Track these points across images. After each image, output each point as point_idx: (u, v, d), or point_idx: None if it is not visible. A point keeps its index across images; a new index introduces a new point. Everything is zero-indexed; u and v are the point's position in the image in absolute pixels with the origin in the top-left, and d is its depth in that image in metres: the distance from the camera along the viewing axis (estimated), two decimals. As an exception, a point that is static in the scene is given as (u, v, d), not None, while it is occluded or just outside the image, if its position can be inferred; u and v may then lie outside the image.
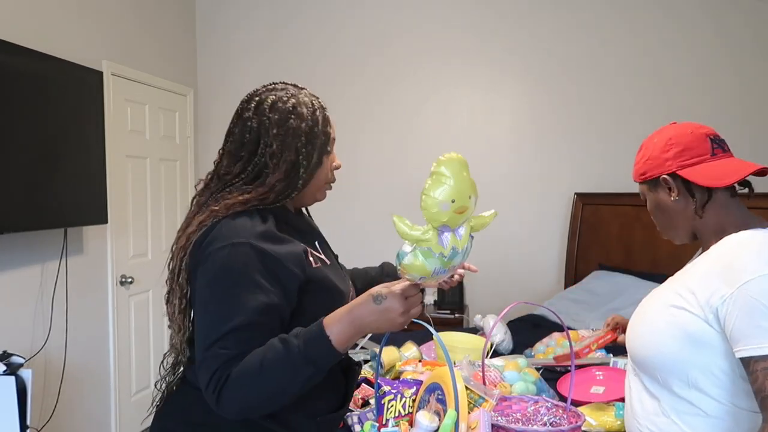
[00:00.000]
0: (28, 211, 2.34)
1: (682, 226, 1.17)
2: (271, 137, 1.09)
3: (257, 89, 1.17)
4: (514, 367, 1.76)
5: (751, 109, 3.21)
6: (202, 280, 1.02)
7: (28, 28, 2.48)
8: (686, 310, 1.06)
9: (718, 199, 1.12)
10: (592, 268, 3.31)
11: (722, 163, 1.10)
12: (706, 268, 1.07)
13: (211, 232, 1.04)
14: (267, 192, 1.08)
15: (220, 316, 0.98)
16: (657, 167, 1.15)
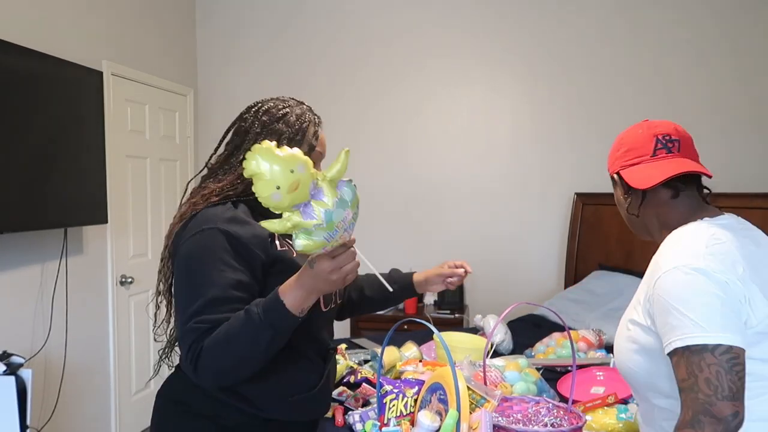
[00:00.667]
0: (28, 211, 2.34)
1: (635, 223, 1.20)
2: (253, 134, 1.20)
3: (262, 99, 1.29)
4: (515, 367, 1.76)
5: (753, 108, 3.21)
6: (176, 266, 1.14)
7: (28, 28, 2.47)
8: (637, 324, 1.07)
9: (654, 199, 1.12)
10: (592, 268, 3.31)
11: (657, 165, 1.09)
12: (648, 276, 1.08)
13: (189, 223, 1.15)
14: (236, 180, 1.18)
15: (192, 294, 1.08)
16: (611, 165, 1.19)
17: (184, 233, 1.15)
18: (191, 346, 1.05)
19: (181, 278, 1.12)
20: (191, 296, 1.07)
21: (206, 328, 1.04)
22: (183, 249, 1.12)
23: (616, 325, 2.81)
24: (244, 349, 1.03)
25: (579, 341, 2.22)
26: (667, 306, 0.96)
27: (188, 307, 1.07)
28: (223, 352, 1.03)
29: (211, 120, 3.92)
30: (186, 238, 1.13)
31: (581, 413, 1.26)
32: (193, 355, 1.04)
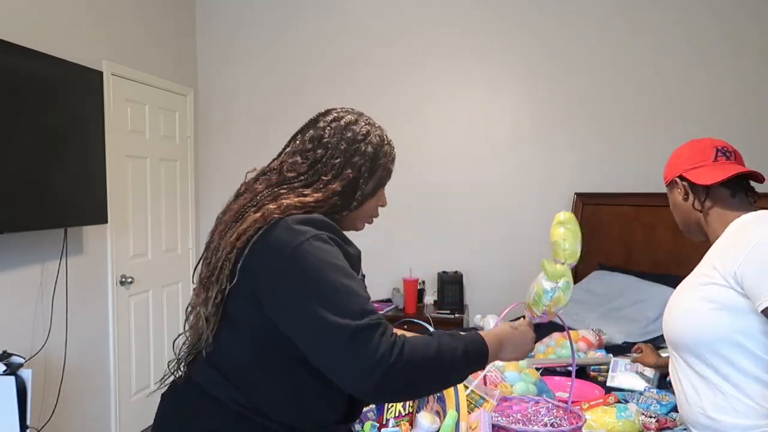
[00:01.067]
0: (28, 211, 2.34)
1: (691, 222, 1.38)
2: (338, 150, 1.13)
3: (335, 107, 1.22)
4: (514, 367, 1.76)
5: (754, 108, 3.21)
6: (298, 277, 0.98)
7: (28, 28, 2.48)
8: (713, 284, 1.21)
9: (717, 198, 1.32)
10: (592, 268, 3.30)
11: (719, 165, 1.31)
12: (722, 246, 1.25)
13: (275, 231, 1.02)
14: (323, 199, 1.09)
15: (349, 292, 0.96)
16: (671, 172, 1.40)
17: (279, 244, 1.00)
18: (384, 336, 0.93)
19: (319, 283, 0.97)
20: (347, 294, 0.96)
21: (387, 324, 0.96)
22: (302, 259, 0.98)
23: (616, 325, 2.82)
24: (442, 372, 1.00)
25: (579, 341, 2.22)
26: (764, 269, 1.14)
27: (347, 308, 0.94)
28: (426, 363, 0.96)
29: (211, 120, 3.92)
30: (295, 247, 0.99)
31: (581, 413, 1.26)
32: (393, 348, 0.92)
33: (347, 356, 0.92)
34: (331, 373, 0.96)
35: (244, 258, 1.02)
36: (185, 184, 3.72)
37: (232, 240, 1.05)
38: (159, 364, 3.43)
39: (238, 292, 1.05)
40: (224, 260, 1.05)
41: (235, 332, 1.07)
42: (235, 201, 1.14)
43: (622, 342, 2.46)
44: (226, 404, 1.06)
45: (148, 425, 3.31)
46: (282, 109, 3.75)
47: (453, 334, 1.04)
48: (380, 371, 0.91)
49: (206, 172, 3.91)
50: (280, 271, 0.99)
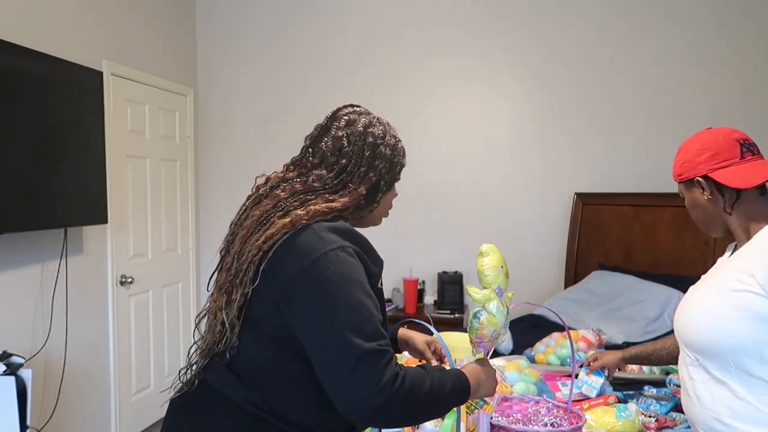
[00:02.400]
0: (28, 211, 2.34)
1: (714, 221, 1.29)
2: (363, 158, 1.15)
3: (341, 109, 1.23)
4: (515, 367, 1.76)
5: (754, 108, 3.21)
6: (319, 286, 0.99)
7: (28, 28, 2.48)
8: (749, 291, 1.14)
9: (746, 198, 1.23)
10: (592, 268, 3.31)
11: (750, 165, 1.22)
12: (760, 253, 1.16)
13: (303, 236, 1.03)
14: (349, 204, 1.12)
15: (362, 314, 0.98)
16: (691, 169, 1.27)
17: (306, 248, 1.02)
18: (389, 365, 0.95)
19: (338, 297, 0.98)
20: (362, 315, 0.98)
21: (392, 354, 0.98)
22: (325, 268, 1.00)
23: (616, 325, 2.81)
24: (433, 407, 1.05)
25: (579, 341, 2.22)
26: None
27: (361, 327, 0.96)
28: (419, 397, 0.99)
29: (211, 120, 3.92)
30: (321, 255, 1.01)
31: (581, 412, 1.26)
32: (396, 379, 0.95)
33: (352, 376, 0.93)
34: (329, 387, 0.97)
35: (268, 260, 1.04)
36: (185, 184, 3.72)
37: (258, 243, 1.05)
38: (159, 364, 3.44)
39: (260, 294, 1.06)
40: (249, 262, 1.06)
41: (255, 334, 1.08)
42: (256, 207, 1.14)
43: (622, 342, 2.46)
44: (242, 405, 1.06)
45: (148, 425, 3.31)
46: (282, 109, 3.75)
47: (442, 369, 1.08)
48: (380, 400, 0.93)
49: (206, 172, 3.91)
50: (301, 277, 1.00)
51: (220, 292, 1.11)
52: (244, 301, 1.07)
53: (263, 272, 1.04)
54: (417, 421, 1.13)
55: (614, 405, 1.57)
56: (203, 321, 1.17)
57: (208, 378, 1.12)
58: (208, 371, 1.13)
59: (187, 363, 1.16)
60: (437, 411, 1.08)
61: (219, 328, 1.09)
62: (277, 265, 1.03)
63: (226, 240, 1.17)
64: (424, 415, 1.06)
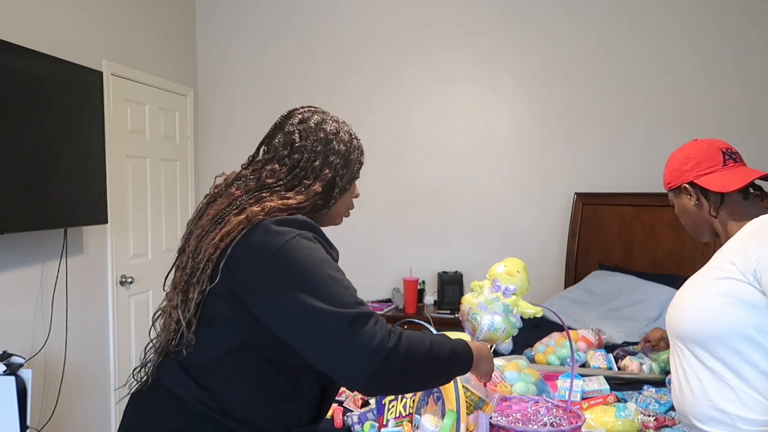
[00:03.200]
0: (28, 211, 2.34)
1: (702, 225, 1.39)
2: (315, 153, 1.15)
3: (296, 108, 1.24)
4: (514, 367, 1.76)
5: (754, 108, 3.21)
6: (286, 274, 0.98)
7: (28, 28, 2.48)
8: (731, 278, 1.23)
9: (730, 201, 1.33)
10: (592, 268, 3.31)
11: (731, 172, 1.32)
12: (741, 242, 1.26)
13: (258, 232, 1.02)
14: (305, 201, 1.11)
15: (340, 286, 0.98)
16: (678, 177, 1.39)
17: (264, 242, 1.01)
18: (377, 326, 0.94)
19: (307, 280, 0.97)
20: (333, 289, 0.97)
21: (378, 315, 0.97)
22: (287, 256, 0.99)
23: (616, 325, 2.82)
24: (435, 368, 1.04)
25: (579, 341, 2.22)
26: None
27: (339, 298, 0.96)
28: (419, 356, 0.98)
29: (211, 120, 3.92)
30: (281, 246, 0.99)
31: (580, 412, 1.26)
32: (390, 335, 0.94)
33: (345, 342, 0.92)
34: (326, 363, 0.96)
35: (227, 258, 1.03)
36: (185, 184, 3.72)
37: (215, 241, 1.05)
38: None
39: (216, 291, 1.05)
40: (207, 261, 1.05)
41: (209, 331, 1.07)
42: (211, 206, 1.15)
43: (622, 342, 2.46)
44: (189, 403, 1.06)
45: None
46: (282, 109, 3.70)
47: (442, 335, 1.09)
48: (379, 357, 0.92)
49: (206, 172, 3.91)
50: (265, 271, 1.00)
51: (175, 291, 1.11)
52: (201, 299, 1.07)
53: (222, 270, 1.03)
54: (421, 383, 1.09)
55: (613, 404, 1.57)
56: (159, 320, 1.17)
57: (160, 376, 1.13)
58: (160, 369, 1.13)
59: (142, 361, 1.16)
60: (441, 373, 1.07)
61: (174, 326, 1.09)
62: (236, 262, 1.02)
63: (183, 239, 1.17)
64: (428, 375, 1.05)
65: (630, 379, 1.95)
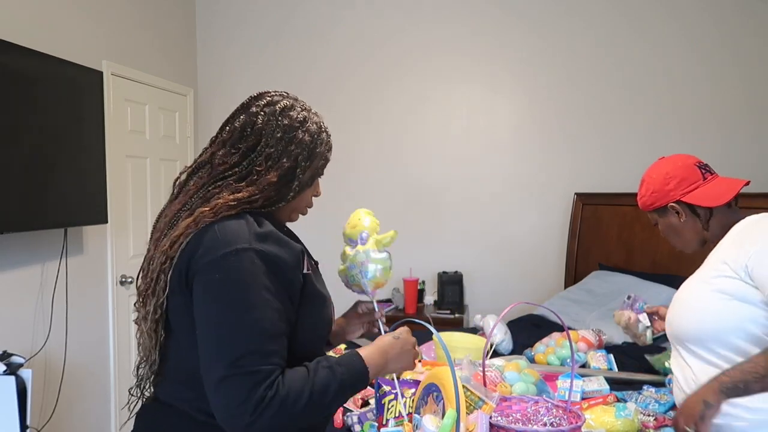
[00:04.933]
0: (28, 211, 2.34)
1: (693, 239, 1.44)
2: (274, 139, 1.06)
3: (269, 91, 1.15)
4: (514, 367, 1.76)
5: (754, 109, 3.20)
6: (206, 292, 0.96)
7: (28, 28, 2.48)
8: (724, 276, 1.27)
9: (718, 212, 1.38)
10: (592, 268, 3.31)
11: (715, 184, 1.38)
12: (731, 242, 1.30)
13: (204, 239, 0.99)
14: (257, 193, 1.04)
15: (240, 329, 0.93)
16: (663, 197, 1.42)
17: (204, 253, 0.97)
18: (252, 391, 0.91)
19: (217, 309, 0.95)
20: (238, 332, 0.93)
21: (268, 371, 0.93)
22: (214, 273, 0.95)
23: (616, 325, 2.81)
24: (321, 408, 0.98)
25: (579, 341, 2.22)
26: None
27: (236, 345, 0.92)
28: (299, 407, 0.94)
29: (211, 120, 3.92)
30: (212, 260, 0.96)
31: (580, 412, 1.26)
32: (258, 405, 0.90)
33: (214, 395, 0.93)
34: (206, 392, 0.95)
35: (174, 266, 1.00)
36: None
37: (165, 248, 1.01)
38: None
39: (174, 302, 1.02)
40: (159, 271, 1.01)
41: (180, 344, 1.04)
42: (170, 205, 1.11)
43: (621, 342, 2.46)
44: (193, 415, 1.04)
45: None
46: (282, 109, 3.75)
47: (331, 366, 1.01)
48: (244, 421, 0.90)
49: (206, 172, 3.91)
50: (198, 278, 0.97)
51: (140, 301, 1.08)
52: (160, 312, 1.03)
53: (171, 280, 1.00)
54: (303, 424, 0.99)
55: (613, 404, 1.57)
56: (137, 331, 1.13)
57: (158, 393, 1.10)
58: (158, 387, 1.12)
59: (137, 379, 1.13)
60: (322, 413, 1.02)
61: (145, 339, 1.07)
62: (183, 269, 0.99)
63: (149, 242, 1.11)
64: (313, 417, 0.99)
65: (630, 379, 1.95)
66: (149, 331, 1.04)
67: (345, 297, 1.41)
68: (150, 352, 1.08)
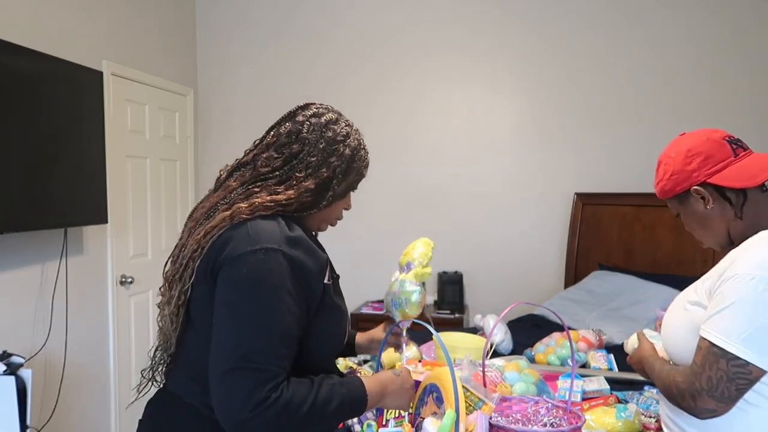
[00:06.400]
0: (28, 211, 2.34)
1: (721, 232, 1.17)
2: (316, 149, 1.11)
3: (314, 102, 1.20)
4: (514, 367, 1.76)
5: (755, 109, 3.20)
6: (230, 284, 0.98)
7: (28, 28, 2.47)
8: (699, 305, 1.11)
9: (752, 197, 1.12)
10: (592, 268, 3.31)
11: (749, 161, 1.12)
12: (722, 262, 1.11)
13: (236, 233, 1.02)
14: (294, 197, 1.08)
15: (256, 326, 0.95)
16: (684, 180, 1.16)
17: (234, 247, 1.00)
18: (255, 390, 0.92)
19: (237, 303, 0.97)
20: (252, 329, 0.95)
21: (275, 373, 0.94)
22: (239, 268, 0.98)
23: (616, 325, 2.82)
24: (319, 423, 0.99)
25: (579, 341, 2.22)
26: (725, 302, 1.03)
27: (248, 341, 0.94)
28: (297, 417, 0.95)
29: (211, 120, 3.92)
30: (240, 255, 0.98)
31: (580, 413, 1.26)
32: (260, 403, 0.92)
33: (217, 386, 0.94)
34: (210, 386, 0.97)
35: (203, 256, 1.03)
36: (185, 184, 3.72)
37: (198, 237, 1.04)
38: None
39: (198, 291, 1.05)
40: (189, 258, 1.05)
41: (198, 336, 1.06)
42: (209, 198, 1.15)
43: (621, 342, 2.45)
44: (199, 409, 1.06)
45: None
46: (282, 109, 3.71)
47: (334, 384, 1.03)
48: (236, 419, 0.92)
49: (206, 172, 3.91)
50: (223, 271, 1.00)
51: (166, 286, 1.11)
52: (184, 299, 1.06)
53: (198, 269, 1.03)
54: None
55: (614, 405, 1.57)
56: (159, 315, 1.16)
57: (169, 384, 1.14)
58: (169, 377, 1.15)
59: (151, 364, 1.17)
60: (318, 427, 1.02)
61: (167, 324, 1.10)
62: (211, 261, 1.02)
63: (182, 231, 1.15)
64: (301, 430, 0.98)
65: (631, 379, 1.95)
66: (171, 315, 1.08)
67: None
68: (169, 336, 1.11)
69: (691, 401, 1.05)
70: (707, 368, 1.03)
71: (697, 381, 1.04)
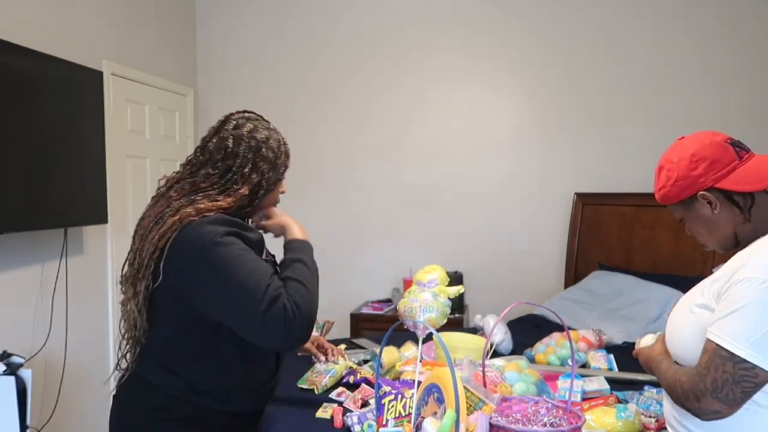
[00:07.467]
0: (28, 211, 2.34)
1: (728, 235, 1.17)
2: (245, 159, 1.31)
3: (233, 114, 1.39)
4: (514, 367, 1.76)
5: (755, 109, 3.20)
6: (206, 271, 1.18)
7: (28, 28, 2.48)
8: (706, 308, 1.11)
9: (759, 200, 1.13)
10: (592, 268, 3.30)
11: (753, 164, 1.13)
12: (730, 264, 1.10)
13: (187, 230, 1.20)
14: (233, 203, 1.29)
15: (249, 275, 1.17)
16: (689, 186, 1.15)
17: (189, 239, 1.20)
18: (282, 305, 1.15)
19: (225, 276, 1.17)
20: (250, 279, 1.17)
21: (281, 288, 1.19)
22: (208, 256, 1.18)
23: (616, 325, 2.82)
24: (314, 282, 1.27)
25: (579, 341, 2.22)
26: (734, 305, 1.03)
27: (256, 287, 1.16)
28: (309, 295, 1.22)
29: (211, 120, 3.88)
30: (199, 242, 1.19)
31: (580, 413, 1.26)
32: (291, 308, 1.16)
33: (263, 322, 1.15)
34: (257, 341, 1.19)
35: (164, 258, 1.21)
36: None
37: (154, 241, 1.22)
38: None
39: (160, 287, 1.23)
40: (149, 259, 1.23)
41: (160, 321, 1.28)
42: (152, 208, 1.32)
43: (622, 342, 2.46)
44: (161, 387, 1.28)
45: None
46: (282, 109, 3.75)
47: (296, 258, 1.30)
48: (289, 326, 1.15)
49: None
50: (197, 266, 1.19)
51: (128, 284, 1.29)
52: (148, 291, 1.25)
53: (162, 268, 1.21)
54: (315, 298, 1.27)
55: (614, 405, 1.57)
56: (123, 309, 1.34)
57: (137, 368, 1.32)
58: (137, 362, 1.32)
59: (120, 354, 1.34)
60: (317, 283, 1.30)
61: (131, 315, 1.27)
62: (171, 259, 1.21)
63: (132, 238, 1.34)
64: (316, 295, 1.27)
65: (631, 379, 1.95)
66: (139, 307, 1.26)
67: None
68: (134, 324, 1.28)
69: (695, 402, 1.06)
70: (713, 370, 1.04)
71: (701, 382, 1.05)
